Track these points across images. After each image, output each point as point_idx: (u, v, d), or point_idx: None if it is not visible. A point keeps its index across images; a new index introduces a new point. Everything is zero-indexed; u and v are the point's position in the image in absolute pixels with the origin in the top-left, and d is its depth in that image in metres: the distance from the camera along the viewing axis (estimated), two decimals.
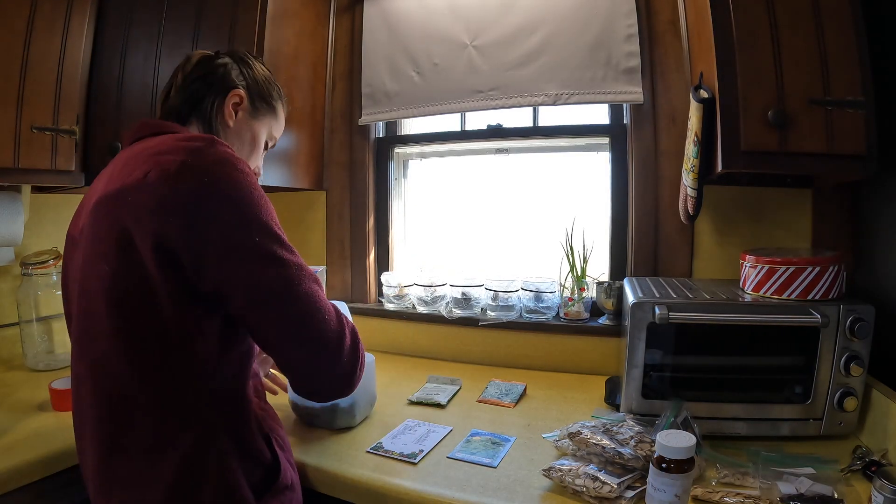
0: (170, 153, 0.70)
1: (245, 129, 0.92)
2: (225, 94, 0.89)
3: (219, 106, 0.89)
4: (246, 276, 0.69)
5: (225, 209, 0.68)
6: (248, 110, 0.92)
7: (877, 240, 1.14)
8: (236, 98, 0.90)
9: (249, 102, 0.92)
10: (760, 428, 1.03)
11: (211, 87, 0.88)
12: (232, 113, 0.90)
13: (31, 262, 1.44)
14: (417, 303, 1.66)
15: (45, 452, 0.96)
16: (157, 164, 0.69)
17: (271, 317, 0.71)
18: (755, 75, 0.97)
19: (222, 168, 0.70)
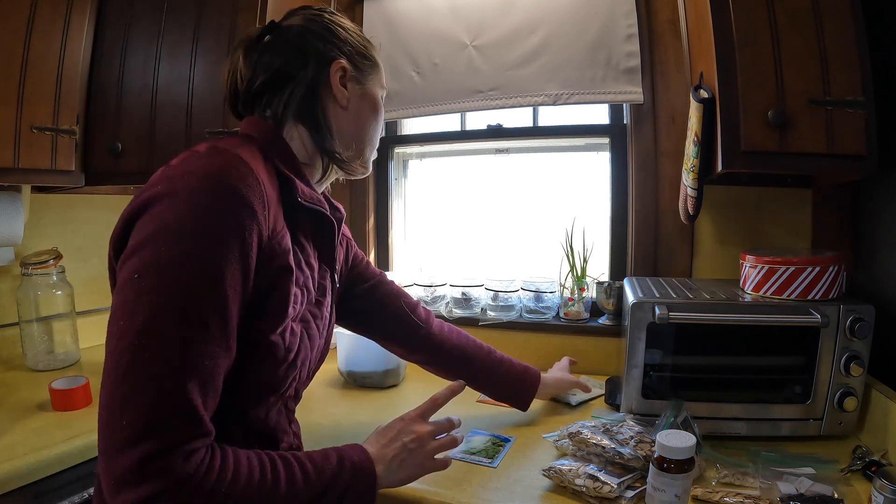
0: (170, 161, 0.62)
1: (362, 101, 0.77)
2: (325, 71, 0.73)
3: (324, 91, 0.73)
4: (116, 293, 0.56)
5: (143, 229, 0.56)
6: (357, 77, 0.76)
7: (877, 240, 1.14)
8: (340, 70, 0.74)
9: (354, 68, 0.76)
10: (760, 428, 1.03)
11: (302, 70, 0.72)
12: (342, 90, 0.74)
13: (31, 262, 1.43)
14: None
15: (45, 452, 0.96)
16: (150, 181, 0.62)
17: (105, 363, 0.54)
18: (755, 75, 0.97)
19: (177, 184, 0.57)
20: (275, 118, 0.73)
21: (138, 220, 0.57)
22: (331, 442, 0.74)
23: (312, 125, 0.73)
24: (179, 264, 0.55)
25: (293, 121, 0.73)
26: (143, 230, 0.56)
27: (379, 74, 0.81)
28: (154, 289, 0.54)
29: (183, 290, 0.54)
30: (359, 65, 0.76)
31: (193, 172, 0.58)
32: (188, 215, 0.55)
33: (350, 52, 0.75)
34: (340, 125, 0.76)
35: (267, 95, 0.73)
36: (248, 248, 0.59)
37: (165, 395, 0.52)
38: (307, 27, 0.74)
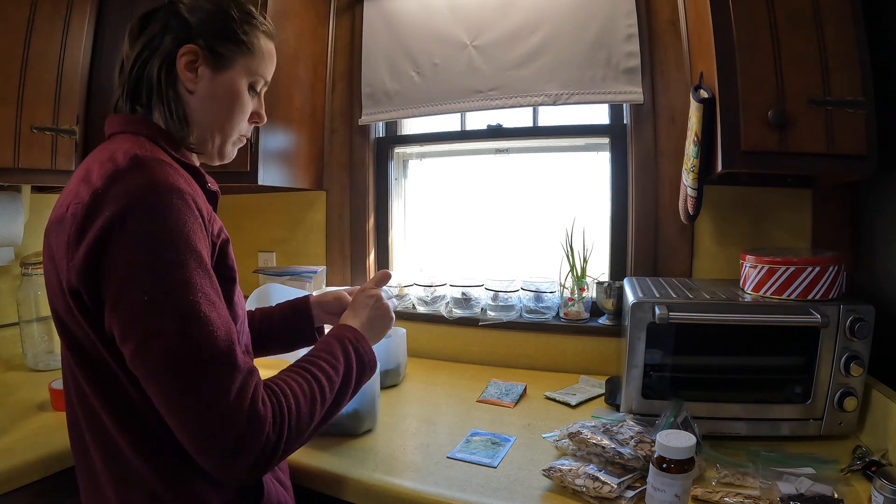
0: (90, 181, 0.63)
1: (214, 89, 0.75)
2: (171, 56, 0.72)
3: (168, 75, 0.72)
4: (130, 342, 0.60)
5: (124, 255, 0.59)
6: (210, 62, 0.73)
7: (877, 240, 1.14)
8: (188, 55, 0.72)
9: (209, 53, 0.73)
10: (760, 428, 1.03)
11: (155, 51, 0.71)
12: (190, 76, 0.72)
13: (31, 262, 1.44)
14: (417, 303, 1.66)
15: (45, 452, 0.96)
16: (76, 194, 0.63)
17: (150, 390, 0.61)
18: (755, 75, 0.97)
19: (136, 203, 0.60)
20: (141, 105, 0.73)
21: (105, 248, 0.59)
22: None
23: (163, 107, 0.72)
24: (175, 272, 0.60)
25: (156, 103, 0.73)
26: (120, 259, 0.59)
27: (248, 62, 0.77)
28: (167, 302, 0.60)
29: (188, 289, 0.61)
30: (217, 49, 0.73)
31: (136, 188, 0.61)
32: (157, 227, 0.60)
33: (210, 35, 0.73)
34: (190, 109, 0.75)
35: (137, 80, 0.73)
36: (205, 230, 0.66)
37: (228, 369, 0.61)
38: (176, 8, 0.73)
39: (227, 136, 0.79)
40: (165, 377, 0.59)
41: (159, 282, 0.59)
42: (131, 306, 0.59)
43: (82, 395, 0.70)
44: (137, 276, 0.59)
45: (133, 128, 0.72)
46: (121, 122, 0.74)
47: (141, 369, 0.60)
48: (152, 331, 0.59)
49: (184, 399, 0.59)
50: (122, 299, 0.59)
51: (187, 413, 0.59)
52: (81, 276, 0.61)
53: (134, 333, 0.60)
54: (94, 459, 0.71)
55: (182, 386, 0.59)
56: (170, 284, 0.60)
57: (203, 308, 0.61)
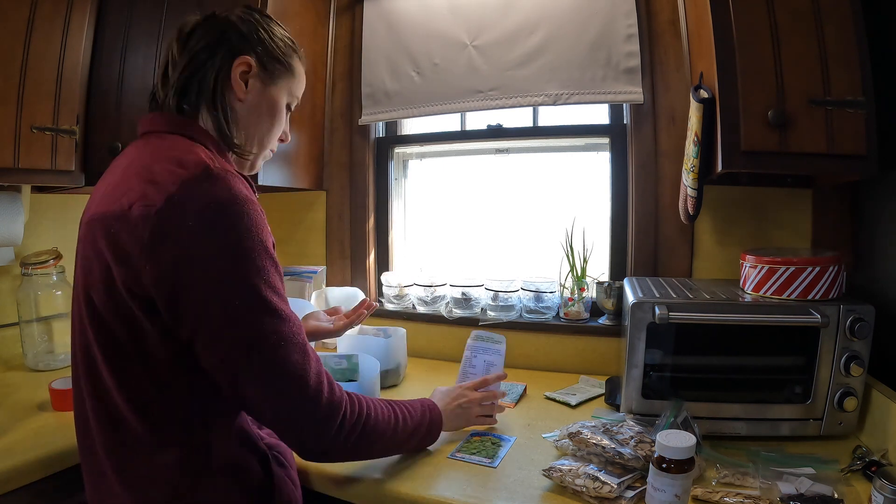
0: (160, 183, 0.64)
1: (261, 101, 0.81)
2: (229, 64, 0.77)
3: (223, 81, 0.77)
4: (221, 343, 0.65)
5: (209, 262, 0.63)
6: (261, 77, 0.80)
7: (877, 240, 1.14)
8: (243, 66, 0.77)
9: (260, 68, 0.79)
10: (760, 428, 1.03)
11: (211, 58, 0.76)
12: (241, 85, 0.78)
13: (31, 262, 1.43)
14: (417, 303, 1.66)
15: (45, 452, 0.96)
16: (143, 195, 0.64)
17: (240, 391, 0.68)
18: (755, 75, 0.97)
19: (216, 210, 0.63)
20: (190, 106, 0.76)
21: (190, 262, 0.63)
22: None
23: (214, 110, 0.76)
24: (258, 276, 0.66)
25: (203, 107, 0.77)
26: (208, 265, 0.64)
27: (290, 83, 0.85)
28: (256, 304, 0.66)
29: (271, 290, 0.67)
30: (268, 66, 0.80)
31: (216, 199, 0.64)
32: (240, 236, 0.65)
33: (262, 52, 0.79)
34: (237, 116, 0.79)
35: (187, 82, 0.76)
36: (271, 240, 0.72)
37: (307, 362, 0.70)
38: (232, 21, 0.78)
39: (264, 146, 0.85)
40: (256, 374, 0.66)
41: (248, 287, 0.65)
42: (221, 311, 0.64)
43: (102, 391, 0.70)
44: (228, 286, 0.64)
45: (183, 130, 0.75)
46: (167, 122, 0.75)
47: (228, 371, 0.67)
48: (247, 333, 0.65)
49: (275, 389, 0.67)
50: (211, 310, 0.64)
51: (278, 402, 0.68)
52: (160, 284, 0.63)
53: (226, 337, 0.65)
54: (103, 458, 0.71)
55: (273, 379, 0.67)
56: (258, 288, 0.65)
57: (284, 308, 0.69)
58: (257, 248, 0.66)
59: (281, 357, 0.67)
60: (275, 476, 0.79)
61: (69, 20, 1.34)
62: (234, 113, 0.79)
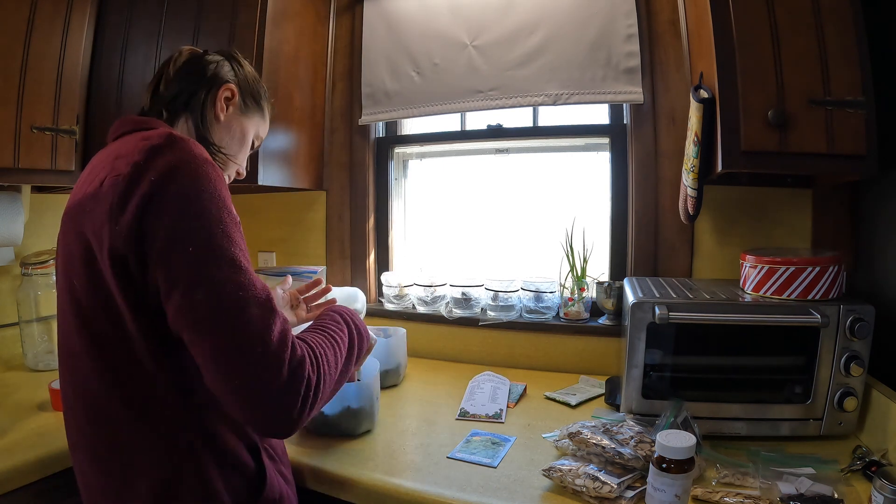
0: (126, 156, 0.68)
1: (235, 125, 0.92)
2: (217, 87, 0.88)
3: (211, 99, 0.88)
4: (178, 290, 0.64)
5: (170, 212, 0.64)
6: (239, 106, 0.92)
7: (877, 240, 1.14)
8: (228, 92, 0.89)
9: (241, 98, 0.92)
10: (760, 428, 1.03)
11: (202, 80, 0.88)
12: (224, 107, 0.89)
13: (31, 262, 1.43)
14: (417, 303, 1.66)
15: (45, 452, 0.96)
16: (112, 169, 0.68)
17: (195, 342, 0.64)
18: (755, 75, 0.97)
19: (178, 169, 0.66)
20: (171, 112, 0.85)
21: (150, 211, 0.64)
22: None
23: (198, 118, 0.86)
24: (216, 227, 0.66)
25: (184, 117, 0.86)
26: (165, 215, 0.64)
27: (257, 120, 0.96)
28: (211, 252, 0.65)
29: (230, 242, 0.66)
30: (245, 100, 0.93)
31: (177, 158, 0.67)
32: (199, 187, 0.66)
33: (243, 88, 0.92)
34: (215, 130, 0.89)
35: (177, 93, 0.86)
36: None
37: (269, 317, 0.66)
38: (222, 58, 0.92)
39: (228, 164, 0.92)
40: (215, 321, 0.63)
41: (205, 233, 0.64)
42: (179, 256, 0.64)
43: (88, 384, 0.71)
44: (184, 229, 0.64)
45: (149, 125, 0.79)
46: (133, 122, 0.80)
47: (187, 318, 0.64)
48: (203, 277, 0.63)
49: (233, 342, 0.63)
50: (169, 251, 0.64)
51: (236, 357, 0.63)
52: (129, 238, 0.64)
53: (183, 282, 0.63)
54: (90, 452, 0.72)
55: (232, 328, 0.63)
56: (215, 236, 0.65)
57: (242, 260, 0.67)
58: (216, 202, 0.67)
59: (238, 307, 0.64)
60: (266, 469, 0.78)
61: (69, 20, 1.34)
62: (213, 124, 0.88)
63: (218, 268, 0.64)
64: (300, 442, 1.06)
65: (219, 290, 0.64)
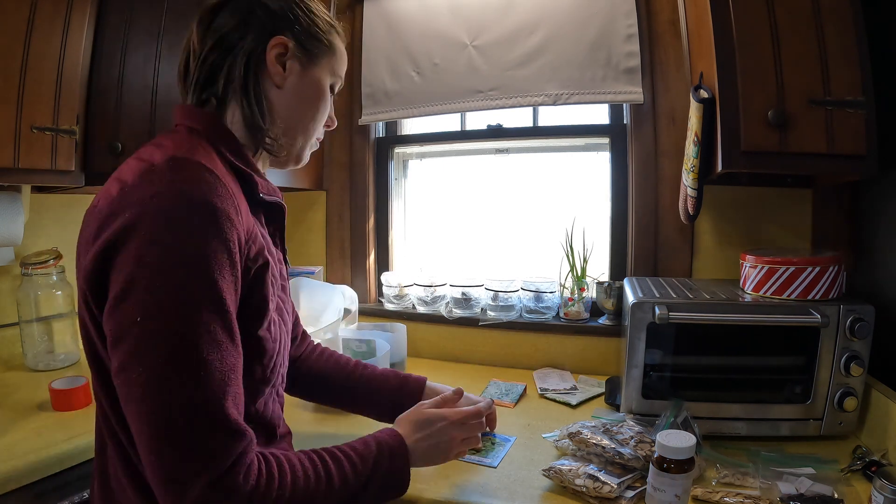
0: (125, 171, 0.59)
1: (303, 85, 0.72)
2: (262, 46, 0.68)
3: (256, 66, 0.68)
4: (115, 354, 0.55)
5: (127, 262, 0.54)
6: (300, 58, 0.71)
7: (877, 239, 1.14)
8: (279, 48, 0.69)
9: (298, 47, 0.70)
10: (760, 428, 1.03)
11: (239, 42, 0.67)
12: (279, 69, 0.69)
13: (31, 262, 1.43)
14: (417, 303, 1.66)
15: (45, 452, 0.96)
16: (108, 186, 0.60)
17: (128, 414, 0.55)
18: (755, 75, 0.97)
19: (155, 207, 0.54)
20: (216, 97, 0.68)
21: (116, 254, 0.55)
22: (330, 441, 0.74)
23: (245, 99, 0.68)
24: (177, 296, 0.54)
25: (232, 98, 0.68)
26: (125, 268, 0.54)
27: (332, 61, 0.76)
28: (160, 329, 0.53)
29: (189, 320, 0.54)
30: (306, 45, 0.71)
31: (162, 194, 0.55)
32: (171, 244, 0.54)
33: (299, 30, 0.70)
34: (274, 105, 0.71)
35: (212, 71, 0.68)
36: (233, 256, 0.58)
37: (208, 423, 0.54)
38: (252, 4, 0.69)
39: (309, 136, 0.77)
40: (139, 410, 0.54)
41: (157, 306, 0.53)
42: (122, 323, 0.54)
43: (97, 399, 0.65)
44: (135, 294, 0.53)
45: (191, 121, 0.67)
46: (181, 114, 0.69)
47: (121, 389, 0.55)
48: (137, 358, 0.53)
49: (152, 443, 0.53)
50: (115, 313, 0.55)
51: (152, 458, 0.53)
52: (89, 278, 0.57)
53: (120, 353, 0.54)
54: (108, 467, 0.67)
55: (153, 428, 0.53)
56: (168, 312, 0.53)
57: (201, 347, 0.54)
58: (188, 263, 0.54)
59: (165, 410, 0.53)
60: None
61: (69, 20, 1.34)
62: (269, 102, 0.70)
63: (160, 355, 0.53)
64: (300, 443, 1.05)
65: (152, 383, 0.53)
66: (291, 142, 0.75)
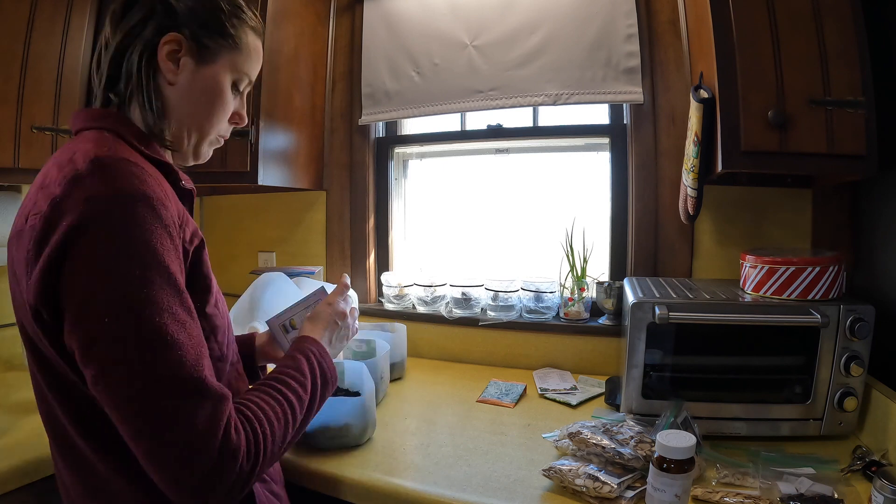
0: (49, 185, 0.58)
1: (196, 82, 0.70)
2: (153, 44, 0.67)
3: (148, 63, 0.67)
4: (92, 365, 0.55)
5: (82, 271, 0.55)
6: (194, 54, 0.69)
7: (877, 240, 1.14)
8: (171, 44, 0.67)
9: (194, 43, 0.69)
10: (760, 428, 1.03)
11: (135, 40, 0.66)
12: (171, 66, 0.68)
13: None
14: (417, 303, 1.66)
15: (45, 452, 0.96)
16: (35, 203, 0.59)
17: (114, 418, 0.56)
18: (755, 75, 0.97)
19: (93, 210, 0.55)
20: (119, 96, 0.68)
21: (63, 266, 0.55)
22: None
23: (140, 97, 0.67)
24: (138, 289, 0.55)
25: (133, 97, 0.68)
26: (78, 276, 0.55)
27: (235, 58, 0.73)
28: (129, 325, 0.55)
29: (154, 309, 0.56)
30: (203, 41, 0.69)
31: (97, 196, 0.56)
32: (117, 240, 0.55)
33: (196, 27, 0.69)
34: (168, 102, 0.70)
35: (116, 68, 0.68)
36: (174, 240, 0.61)
37: (198, 397, 0.57)
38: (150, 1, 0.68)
39: (204, 134, 0.75)
40: (129, 408, 0.55)
41: (121, 302, 0.54)
42: (91, 329, 0.55)
43: (53, 417, 0.65)
44: (97, 296, 0.54)
45: (98, 123, 0.67)
46: (86, 118, 0.68)
47: (103, 395, 0.56)
48: (115, 358, 0.54)
49: (150, 431, 0.55)
50: (81, 322, 0.55)
51: (153, 446, 0.55)
52: (40, 294, 0.56)
53: (95, 359, 0.55)
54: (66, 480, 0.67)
55: (147, 418, 0.54)
56: (133, 305, 0.55)
57: (170, 330, 0.56)
58: (141, 254, 0.56)
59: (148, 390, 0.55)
60: (256, 495, 0.73)
61: (69, 20, 1.34)
62: (164, 100, 0.70)
63: (136, 347, 0.54)
64: (299, 443, 1.05)
65: (135, 375, 0.54)
66: (187, 138, 0.74)
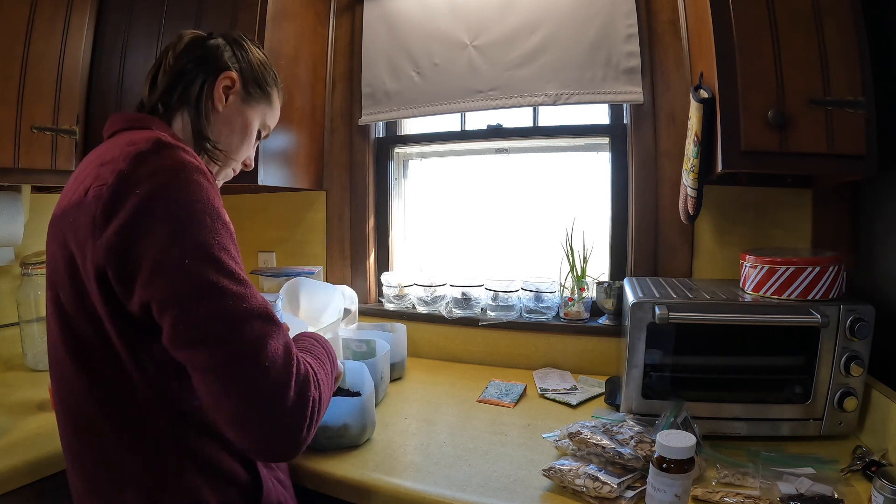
0: (111, 162, 0.65)
1: (236, 115, 0.86)
2: (216, 75, 0.83)
3: (209, 89, 0.82)
4: (175, 308, 0.61)
5: (158, 225, 0.61)
6: (241, 95, 0.86)
7: (876, 240, 1.14)
8: (227, 81, 0.83)
9: (242, 87, 0.85)
10: (760, 428, 1.03)
11: (201, 68, 0.82)
12: (222, 97, 0.83)
13: (31, 262, 1.44)
14: (417, 303, 1.66)
15: (45, 452, 0.96)
16: (97, 177, 0.65)
17: (196, 359, 0.61)
18: (755, 75, 0.97)
19: (166, 182, 0.63)
20: (166, 106, 0.80)
21: (137, 226, 0.61)
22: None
23: (195, 109, 0.81)
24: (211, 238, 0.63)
25: (180, 109, 0.81)
26: (154, 234, 0.61)
27: (265, 110, 0.91)
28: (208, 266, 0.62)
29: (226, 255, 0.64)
30: (248, 88, 0.87)
31: (163, 167, 0.64)
32: (189, 201, 0.63)
33: (246, 75, 0.86)
34: (214, 123, 0.84)
35: (173, 85, 0.81)
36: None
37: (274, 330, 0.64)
38: (224, 42, 0.86)
39: (228, 161, 0.87)
40: (217, 336, 0.60)
41: (202, 248, 0.62)
42: (175, 274, 0.60)
43: (74, 393, 0.69)
44: (179, 246, 0.61)
45: (143, 124, 0.76)
46: (130, 119, 0.77)
47: (186, 336, 0.60)
48: (202, 292, 0.60)
49: (237, 357, 0.60)
50: (161, 271, 0.60)
51: (240, 375, 0.60)
52: (111, 255, 0.61)
53: (180, 300, 0.60)
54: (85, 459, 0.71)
55: (236, 343, 0.60)
56: (212, 249, 0.62)
57: (240, 273, 0.64)
58: (209, 212, 0.64)
59: (241, 319, 0.61)
60: (263, 479, 0.76)
61: (69, 20, 1.34)
62: (212, 116, 0.83)
63: (217, 281, 0.61)
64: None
65: (220, 303, 0.61)
66: (215, 158, 0.85)
